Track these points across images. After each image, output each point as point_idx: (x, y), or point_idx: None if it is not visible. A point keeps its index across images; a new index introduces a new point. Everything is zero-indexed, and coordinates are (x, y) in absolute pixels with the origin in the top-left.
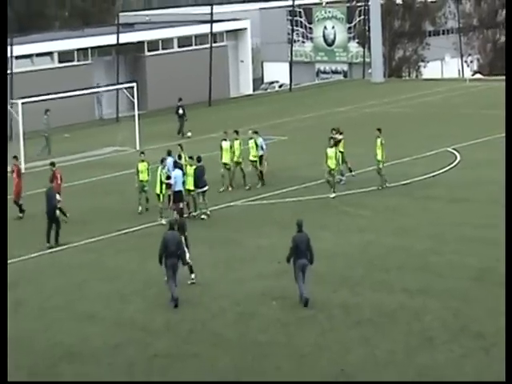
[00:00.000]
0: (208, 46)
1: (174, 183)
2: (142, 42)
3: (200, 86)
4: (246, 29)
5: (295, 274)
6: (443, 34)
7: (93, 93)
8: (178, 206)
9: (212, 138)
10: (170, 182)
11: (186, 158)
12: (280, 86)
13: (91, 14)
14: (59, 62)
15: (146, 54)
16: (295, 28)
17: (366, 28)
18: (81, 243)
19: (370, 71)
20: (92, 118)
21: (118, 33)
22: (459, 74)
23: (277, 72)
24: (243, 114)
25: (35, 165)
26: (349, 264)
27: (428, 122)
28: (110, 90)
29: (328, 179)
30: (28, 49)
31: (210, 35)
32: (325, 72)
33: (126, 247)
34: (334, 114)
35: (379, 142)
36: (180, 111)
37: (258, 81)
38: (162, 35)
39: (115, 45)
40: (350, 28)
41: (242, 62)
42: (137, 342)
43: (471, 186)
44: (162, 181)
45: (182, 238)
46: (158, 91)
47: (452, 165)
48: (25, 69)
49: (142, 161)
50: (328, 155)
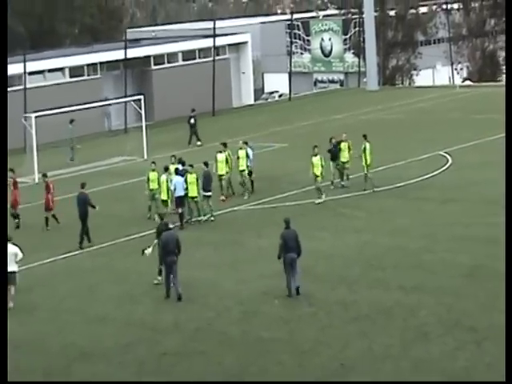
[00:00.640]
0: (211, 59)
1: (174, 189)
2: (148, 57)
3: (204, 96)
4: (246, 42)
5: (284, 268)
6: (434, 43)
7: (102, 105)
8: (178, 211)
9: (216, 146)
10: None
11: (173, 169)
12: (280, 96)
13: (100, 31)
14: (70, 76)
15: (153, 67)
16: (294, 40)
17: (361, 39)
18: (93, 248)
19: (365, 80)
20: (101, 129)
21: (125, 48)
22: (450, 81)
23: (277, 82)
24: (245, 122)
25: (51, 174)
26: (346, 263)
27: (421, 127)
28: (119, 103)
29: (317, 186)
30: (40, 65)
31: (212, 49)
32: (322, 81)
33: (135, 251)
34: (332, 121)
35: (366, 147)
36: (192, 121)
37: (258, 91)
38: (167, 50)
39: (123, 60)
40: (345, 39)
41: (244, 73)
42: (146, 341)
43: (463, 187)
44: (168, 187)
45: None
46: (164, 103)
47: (444, 167)
48: (38, 84)
49: (153, 170)
50: (313, 163)
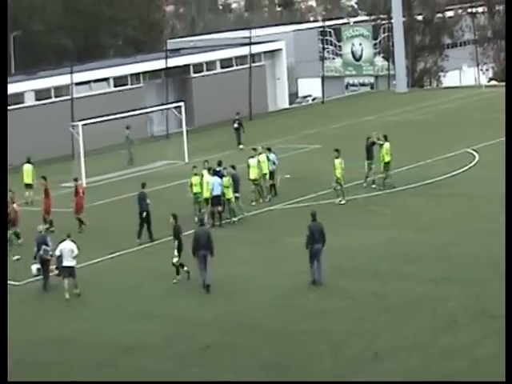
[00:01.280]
0: (247, 66)
1: (212, 189)
2: (188, 65)
3: (241, 102)
4: (281, 49)
5: (310, 258)
6: (460, 45)
7: (145, 113)
8: (217, 209)
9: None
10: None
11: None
12: (313, 100)
13: (142, 42)
14: (114, 86)
15: (192, 75)
16: (326, 46)
17: (390, 43)
18: (138, 248)
19: (394, 82)
20: (145, 135)
21: (166, 58)
22: (476, 81)
23: (310, 87)
24: (280, 125)
25: (98, 179)
26: (376, 258)
27: (448, 127)
28: (161, 110)
29: (335, 188)
30: (86, 76)
31: (249, 56)
32: (353, 85)
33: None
34: (363, 122)
35: (385, 148)
36: (235, 125)
37: (293, 95)
38: (205, 58)
39: (164, 69)
40: (375, 44)
41: (279, 79)
42: (188, 335)
43: (489, 183)
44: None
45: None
46: (203, 109)
47: (471, 164)
48: (84, 94)
49: (195, 174)
50: (335, 166)
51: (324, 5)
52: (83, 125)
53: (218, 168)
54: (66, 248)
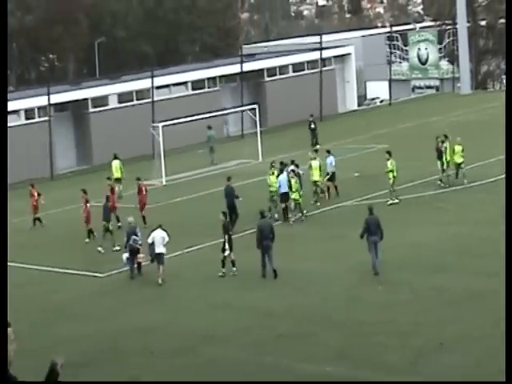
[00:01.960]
0: (318, 70)
1: (279, 186)
2: (262, 70)
3: (312, 104)
4: (350, 54)
5: (369, 248)
6: None
7: (221, 114)
8: (285, 205)
9: (327, 147)
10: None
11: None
12: (381, 102)
13: (218, 48)
14: (192, 89)
15: (266, 79)
16: (393, 51)
17: (455, 48)
18: (213, 243)
19: (458, 85)
20: (221, 135)
21: (241, 62)
22: None
23: (378, 89)
24: (350, 126)
25: (177, 177)
26: (441, 252)
27: None
28: (236, 112)
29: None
30: (166, 80)
31: (319, 61)
32: (419, 87)
33: (250, 245)
34: (428, 123)
35: (458, 148)
36: (312, 126)
37: (361, 98)
38: (278, 63)
39: (239, 73)
40: (440, 48)
41: (348, 82)
42: (263, 324)
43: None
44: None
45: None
46: (276, 110)
47: None
48: (164, 97)
49: (273, 173)
50: (388, 167)
51: (391, 11)
52: (163, 126)
53: (292, 167)
54: (157, 236)
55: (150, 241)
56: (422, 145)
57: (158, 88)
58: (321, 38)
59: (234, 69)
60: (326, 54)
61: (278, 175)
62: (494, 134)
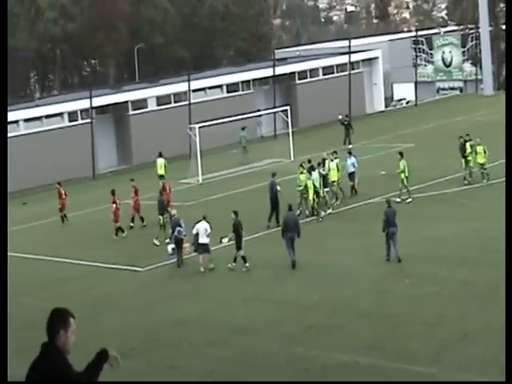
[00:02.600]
0: (347, 73)
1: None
2: (293, 73)
3: (341, 105)
4: (377, 57)
5: (387, 239)
6: None
7: (254, 116)
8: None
9: (355, 147)
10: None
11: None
12: (407, 103)
13: (251, 53)
14: (227, 92)
15: (297, 82)
16: (418, 54)
17: (478, 51)
18: (246, 238)
19: (481, 86)
20: (255, 136)
21: (273, 66)
22: None
23: (404, 91)
24: (377, 126)
25: (212, 175)
26: (466, 247)
27: None
28: (269, 113)
29: (401, 189)
30: (202, 83)
31: (348, 64)
32: (444, 89)
33: (279, 241)
34: (453, 123)
35: (480, 149)
36: (345, 123)
37: (388, 99)
38: (309, 66)
39: (272, 76)
40: (464, 51)
41: (375, 84)
42: (294, 317)
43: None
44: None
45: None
46: (307, 112)
47: None
48: (200, 99)
49: (301, 173)
50: (399, 167)
51: (417, 16)
52: (200, 127)
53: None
54: (201, 227)
55: (194, 232)
56: (446, 144)
57: (194, 91)
58: (349, 43)
59: (267, 72)
60: (355, 57)
61: (309, 173)
62: None
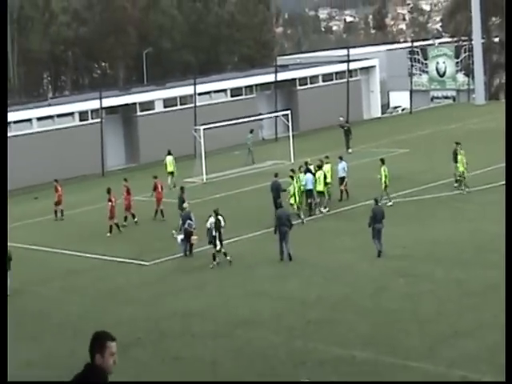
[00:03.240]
0: (345, 80)
1: (305, 183)
2: (294, 79)
3: (339, 110)
4: (375, 66)
5: (373, 235)
6: None
7: (257, 119)
8: (310, 200)
9: (354, 151)
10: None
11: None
12: (402, 110)
13: (255, 59)
14: (231, 96)
15: (298, 88)
16: (414, 64)
17: (471, 62)
18: (249, 235)
19: (473, 96)
20: (257, 138)
21: (275, 72)
22: None
23: (400, 99)
24: (374, 132)
25: (216, 175)
26: (461, 247)
27: None
28: (270, 117)
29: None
30: (207, 87)
31: (347, 72)
32: (438, 98)
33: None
34: (446, 130)
35: (460, 157)
36: (346, 128)
37: (384, 106)
38: (309, 73)
39: (274, 82)
40: (457, 62)
41: (372, 91)
42: (295, 311)
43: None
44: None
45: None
46: (307, 116)
47: None
48: (205, 102)
49: (291, 177)
50: (380, 173)
51: (413, 28)
52: (204, 129)
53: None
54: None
55: (208, 225)
56: (440, 149)
57: (199, 94)
58: (348, 51)
59: (269, 78)
60: (353, 65)
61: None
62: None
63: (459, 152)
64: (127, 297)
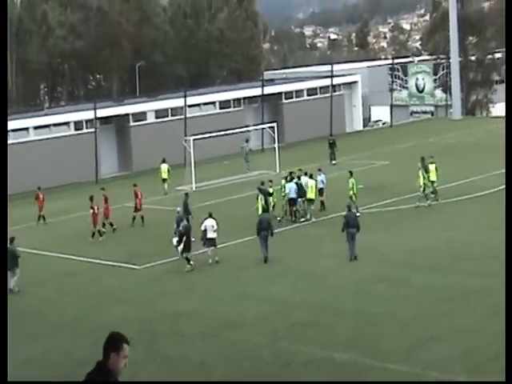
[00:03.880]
0: (329, 94)
1: (288, 192)
2: (280, 93)
3: (323, 124)
4: (357, 81)
5: (347, 239)
6: None
7: (244, 131)
8: (293, 208)
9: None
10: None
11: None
12: (383, 124)
13: (243, 73)
14: (220, 108)
15: (284, 101)
16: (394, 80)
17: (448, 79)
18: (238, 241)
19: (451, 111)
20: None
21: (262, 86)
22: None
23: (381, 113)
24: (356, 144)
25: (205, 184)
26: (437, 255)
27: (497, 147)
28: (257, 129)
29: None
30: (197, 99)
31: (330, 87)
32: (417, 112)
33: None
34: (424, 144)
35: (433, 167)
36: (331, 142)
37: (366, 120)
38: (295, 88)
39: (260, 95)
40: (435, 79)
41: (355, 106)
42: (280, 313)
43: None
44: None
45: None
46: (292, 129)
47: None
48: (195, 114)
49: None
50: (349, 185)
51: (393, 46)
52: (194, 139)
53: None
54: (209, 224)
55: (202, 228)
56: (418, 162)
57: (190, 106)
58: (332, 67)
59: (256, 91)
60: (336, 81)
61: (289, 182)
62: (483, 153)
63: (428, 162)
64: (119, 298)
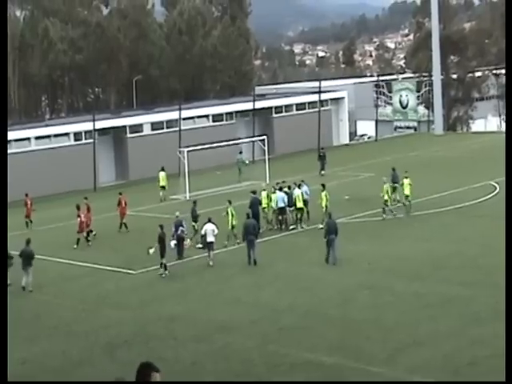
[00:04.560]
0: (317, 109)
1: (276, 201)
2: (270, 107)
3: (311, 137)
4: (344, 97)
5: (327, 244)
6: (486, 99)
7: (236, 143)
8: (281, 217)
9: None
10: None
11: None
12: (368, 138)
13: (235, 88)
14: (213, 121)
15: (274, 115)
16: (379, 96)
17: (430, 96)
18: (230, 248)
19: (433, 127)
20: (235, 160)
21: (253, 101)
22: (498, 128)
23: (366, 127)
24: (342, 157)
25: (198, 193)
26: (419, 264)
27: (475, 162)
28: (248, 142)
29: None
30: (191, 113)
31: (318, 102)
32: (400, 127)
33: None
34: (408, 157)
35: (407, 182)
36: (321, 154)
37: (352, 134)
38: (284, 102)
39: (252, 109)
40: (418, 96)
41: (342, 120)
42: (268, 318)
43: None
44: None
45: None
46: (282, 141)
47: (494, 193)
48: (189, 126)
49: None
50: (322, 197)
51: (378, 64)
52: (188, 151)
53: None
54: (209, 228)
55: (202, 232)
56: (401, 175)
57: (184, 119)
58: (320, 84)
59: (248, 106)
60: (324, 96)
61: (275, 192)
62: (462, 168)
63: (403, 177)
64: (115, 302)
